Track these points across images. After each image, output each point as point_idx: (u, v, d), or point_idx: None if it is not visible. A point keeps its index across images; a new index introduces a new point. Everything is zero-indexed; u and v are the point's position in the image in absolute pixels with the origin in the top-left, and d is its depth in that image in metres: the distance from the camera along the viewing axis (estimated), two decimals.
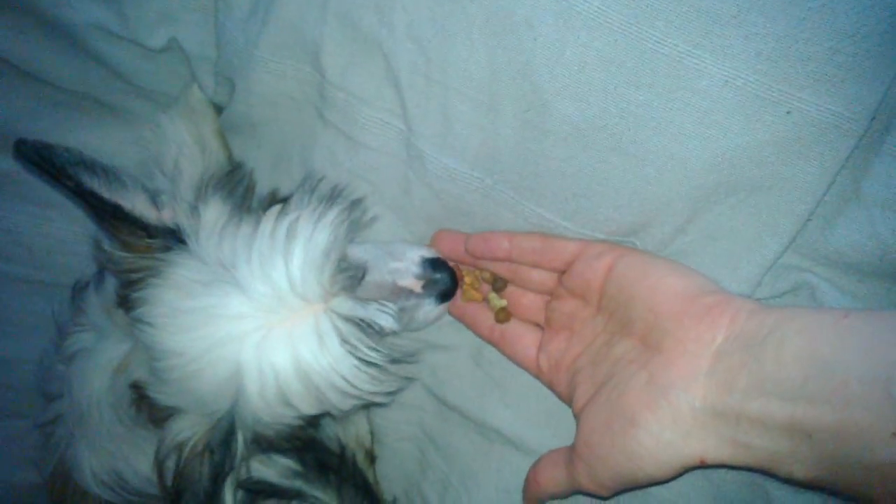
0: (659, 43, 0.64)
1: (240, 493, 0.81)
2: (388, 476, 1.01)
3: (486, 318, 0.82)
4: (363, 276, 0.70)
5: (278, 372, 0.64)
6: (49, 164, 0.66)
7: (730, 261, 0.70)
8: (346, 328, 0.65)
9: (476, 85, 0.72)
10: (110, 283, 0.78)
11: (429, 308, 0.78)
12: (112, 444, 0.79)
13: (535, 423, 0.85)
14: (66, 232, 1.00)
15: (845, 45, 0.60)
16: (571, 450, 0.66)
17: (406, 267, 0.76)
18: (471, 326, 0.84)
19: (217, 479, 0.71)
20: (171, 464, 0.71)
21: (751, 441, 0.52)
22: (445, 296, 0.78)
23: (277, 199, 0.75)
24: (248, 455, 0.72)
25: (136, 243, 0.70)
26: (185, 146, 1.02)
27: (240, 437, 0.69)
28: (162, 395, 0.70)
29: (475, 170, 0.75)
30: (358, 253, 0.74)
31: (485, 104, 0.72)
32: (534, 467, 0.73)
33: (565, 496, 0.71)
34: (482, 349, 0.88)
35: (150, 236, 0.69)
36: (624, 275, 0.66)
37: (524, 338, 0.79)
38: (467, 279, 0.82)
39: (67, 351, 0.80)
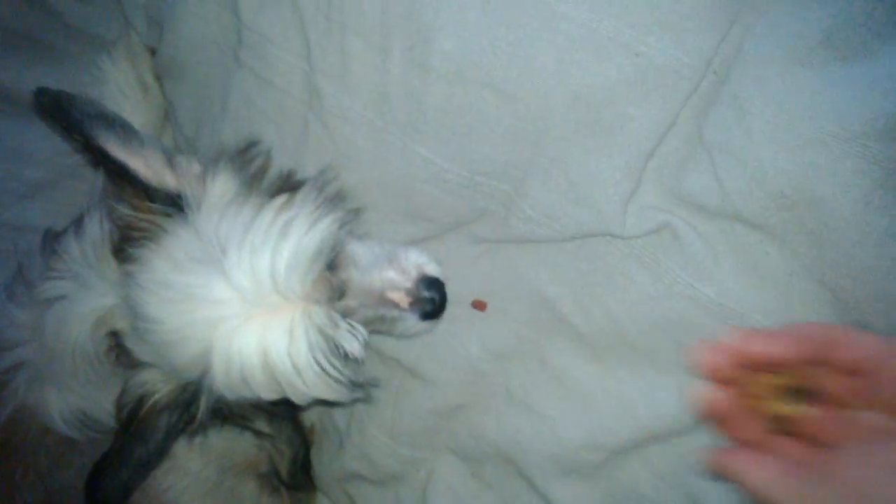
0: None
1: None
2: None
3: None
4: (342, 297, 0.72)
5: (245, 360, 0.66)
6: (65, 115, 0.67)
7: (592, 202, 0.75)
8: (317, 339, 0.67)
9: (369, 24, 0.77)
10: (92, 232, 0.79)
11: (412, 324, 0.77)
12: (83, 387, 0.82)
13: (428, 354, 0.91)
14: None
15: None
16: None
17: (400, 280, 0.75)
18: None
19: (170, 437, 0.74)
20: (130, 409, 0.74)
21: None
22: (431, 316, 0.77)
23: (290, 183, 0.76)
24: (207, 418, 0.75)
25: (139, 203, 0.71)
26: (127, 89, 1.06)
27: (202, 404, 0.72)
28: (138, 350, 0.73)
29: (367, 109, 0.80)
30: (357, 251, 0.76)
31: (377, 43, 0.77)
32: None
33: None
34: None
35: (152, 200, 0.71)
36: None
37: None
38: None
39: (42, 296, 0.79)
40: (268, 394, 0.69)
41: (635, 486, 0.82)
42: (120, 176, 0.70)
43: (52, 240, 0.83)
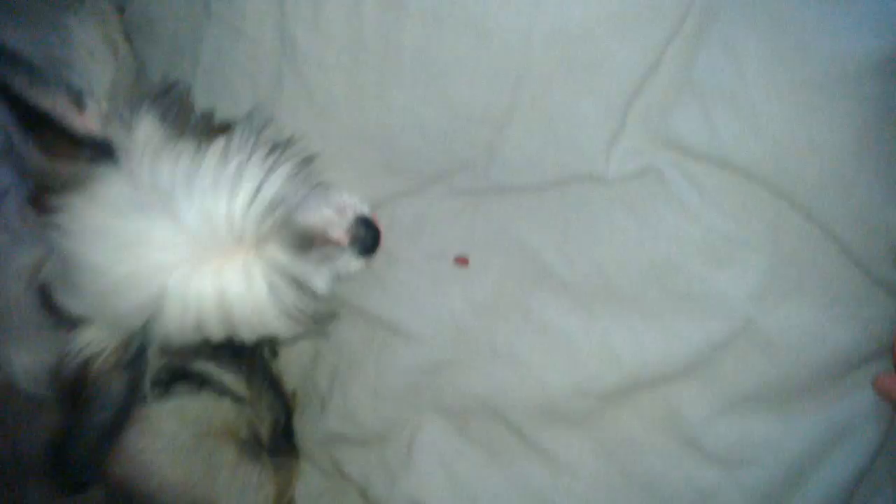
0: None
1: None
2: (287, 371, 1.05)
3: None
4: (309, 246, 0.71)
5: (202, 306, 0.64)
6: None
7: (575, 143, 0.74)
8: (276, 279, 0.66)
9: None
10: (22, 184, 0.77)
11: (351, 260, 0.78)
12: (41, 342, 0.79)
13: (410, 310, 0.89)
14: None
15: None
16: None
17: (336, 218, 0.76)
18: None
19: (132, 395, 0.71)
20: (75, 376, 0.71)
21: None
22: (368, 250, 0.79)
23: (215, 126, 0.74)
24: (154, 367, 0.74)
25: (60, 150, 0.68)
26: (96, 51, 1.03)
27: (151, 355, 0.70)
28: (72, 304, 0.69)
29: (342, 56, 0.78)
30: (299, 197, 0.73)
31: None
32: None
33: None
34: None
35: (74, 145, 0.67)
36: None
37: None
38: None
39: None
40: (217, 334, 0.68)
41: (626, 433, 0.81)
42: (36, 121, 0.66)
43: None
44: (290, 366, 1.04)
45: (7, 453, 0.82)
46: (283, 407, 0.99)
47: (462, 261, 0.86)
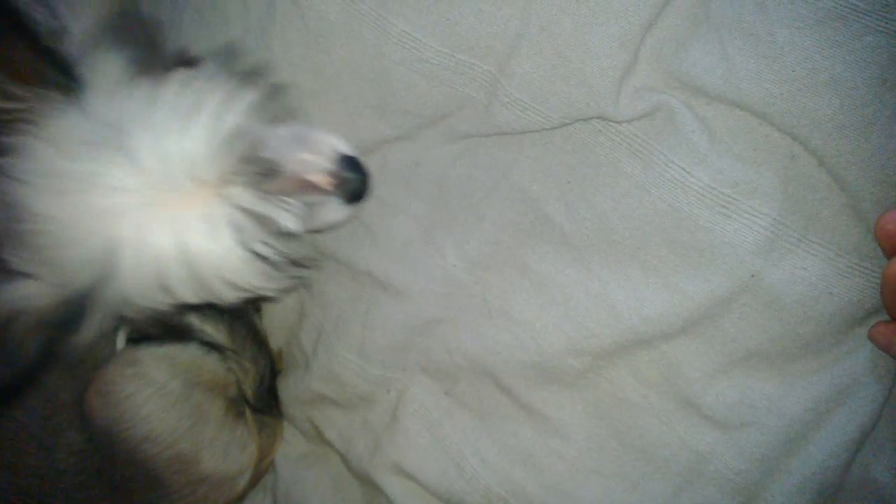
0: None
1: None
2: (272, 329, 1.02)
3: None
4: (273, 175, 0.64)
5: (159, 255, 0.59)
6: None
7: (584, 77, 0.70)
8: (241, 220, 0.61)
9: None
10: None
11: (336, 208, 0.72)
12: None
13: (400, 264, 0.86)
14: None
15: None
16: None
17: (317, 160, 0.70)
18: None
19: (42, 361, 0.64)
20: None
21: None
22: (356, 197, 0.72)
23: (186, 61, 0.69)
24: (104, 335, 0.67)
25: (22, 69, 0.61)
26: None
27: (95, 318, 0.63)
28: (15, 259, 0.63)
29: None
30: (267, 132, 0.68)
31: None
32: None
33: None
34: None
35: (26, 82, 0.61)
36: None
37: None
38: None
39: None
40: (187, 294, 0.62)
41: (622, 394, 0.78)
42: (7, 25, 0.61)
43: None
44: (275, 324, 1.01)
45: None
46: (268, 363, 0.96)
47: None
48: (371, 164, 0.81)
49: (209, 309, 0.87)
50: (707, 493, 0.76)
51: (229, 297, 0.64)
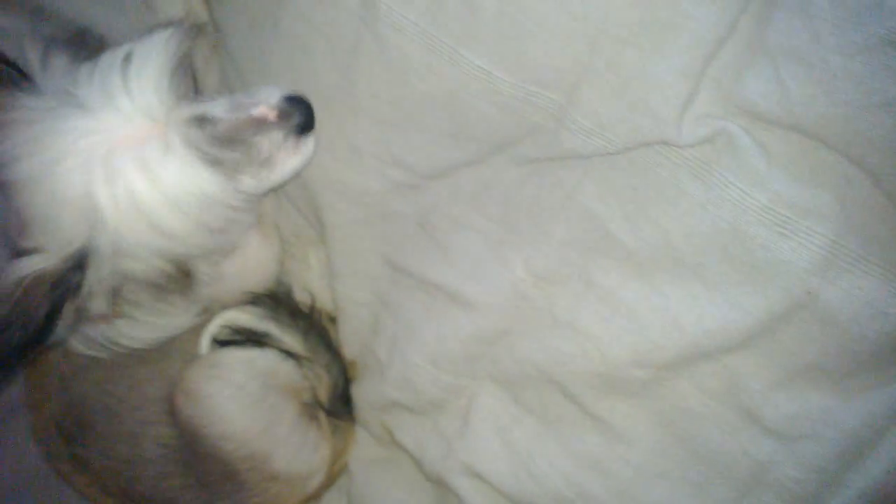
0: None
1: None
2: (347, 340, 1.07)
3: None
4: (197, 91, 0.72)
5: (133, 190, 0.65)
6: None
7: (648, 105, 0.75)
8: (190, 131, 0.67)
9: None
10: None
11: (289, 143, 0.76)
12: None
13: (471, 278, 0.91)
14: None
15: None
16: None
17: (258, 100, 0.73)
18: None
19: (52, 316, 0.69)
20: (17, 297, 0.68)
21: None
22: (303, 128, 0.76)
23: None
24: (105, 289, 0.72)
25: None
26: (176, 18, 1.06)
27: (93, 271, 0.69)
28: (25, 241, 0.69)
29: (422, 18, 0.80)
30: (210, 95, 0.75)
31: None
32: None
33: None
34: (427, 215, 0.93)
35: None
36: None
37: None
38: None
39: None
40: (177, 226, 0.68)
41: (685, 403, 0.82)
42: None
43: None
44: (349, 336, 1.06)
45: (62, 405, 0.88)
46: (341, 371, 1.02)
47: None
48: (444, 186, 0.88)
49: (286, 317, 0.94)
50: (766, 501, 0.79)
51: (214, 220, 0.70)
